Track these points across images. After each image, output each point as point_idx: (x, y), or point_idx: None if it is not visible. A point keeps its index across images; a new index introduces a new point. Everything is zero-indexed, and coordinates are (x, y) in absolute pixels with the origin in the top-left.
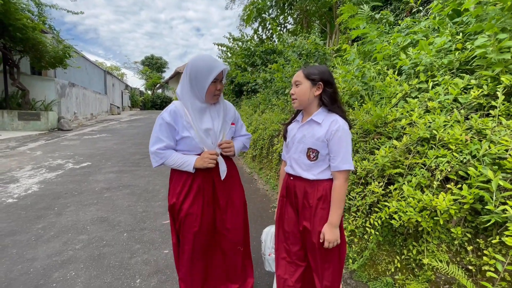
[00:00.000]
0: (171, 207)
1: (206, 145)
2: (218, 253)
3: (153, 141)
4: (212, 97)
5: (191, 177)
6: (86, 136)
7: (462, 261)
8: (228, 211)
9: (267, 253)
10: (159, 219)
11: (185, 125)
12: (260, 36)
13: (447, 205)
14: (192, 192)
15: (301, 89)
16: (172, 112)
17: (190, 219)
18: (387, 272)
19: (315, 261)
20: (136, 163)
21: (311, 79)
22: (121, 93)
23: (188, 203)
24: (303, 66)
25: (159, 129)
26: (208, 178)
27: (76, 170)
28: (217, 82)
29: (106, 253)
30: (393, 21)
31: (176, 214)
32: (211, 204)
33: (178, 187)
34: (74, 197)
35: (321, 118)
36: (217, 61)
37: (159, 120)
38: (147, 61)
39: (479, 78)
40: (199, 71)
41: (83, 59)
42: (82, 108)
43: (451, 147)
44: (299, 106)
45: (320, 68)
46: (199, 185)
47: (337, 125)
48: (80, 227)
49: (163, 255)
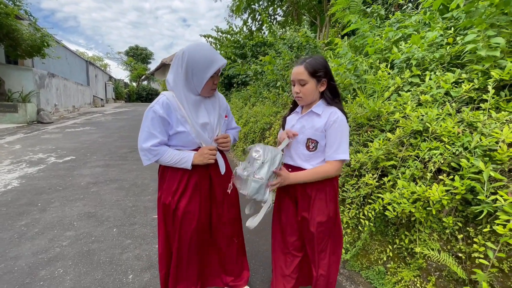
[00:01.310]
0: (164, 206)
1: (203, 140)
2: (213, 247)
3: (145, 136)
4: (208, 91)
5: (188, 174)
6: (69, 129)
7: (453, 249)
8: (224, 205)
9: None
10: (150, 213)
11: (180, 119)
12: (249, 27)
13: (440, 196)
14: (189, 189)
15: (307, 88)
16: (165, 105)
17: (188, 217)
18: (379, 261)
19: (312, 250)
20: (123, 157)
21: (316, 77)
22: (105, 85)
23: (185, 201)
24: (301, 60)
25: (151, 123)
26: (205, 174)
27: (59, 164)
28: (214, 76)
29: (96, 249)
30: (384, 15)
31: (172, 213)
32: (208, 199)
33: (173, 185)
34: (59, 192)
35: (320, 109)
36: (216, 53)
37: (150, 114)
38: (132, 52)
39: (470, 72)
40: (198, 64)
41: (63, 48)
42: (63, 100)
43: (443, 139)
44: (305, 103)
45: (322, 62)
46: (196, 181)
47: (336, 116)
48: (67, 223)
49: (155, 250)
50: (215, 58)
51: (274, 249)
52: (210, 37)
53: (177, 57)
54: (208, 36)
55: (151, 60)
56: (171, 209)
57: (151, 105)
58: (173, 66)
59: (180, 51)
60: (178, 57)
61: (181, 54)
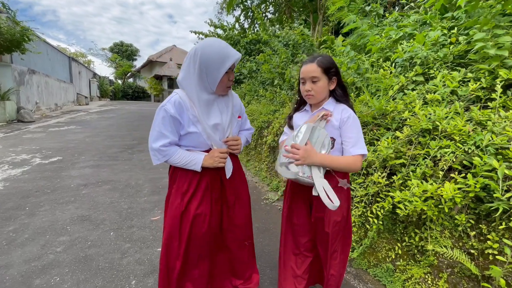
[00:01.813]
0: (172, 207)
1: (214, 142)
2: (223, 250)
3: (155, 136)
4: (224, 88)
5: (198, 175)
6: (52, 128)
7: (464, 245)
8: (236, 207)
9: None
10: (147, 215)
11: (191, 119)
12: (242, 24)
13: (453, 194)
14: (199, 191)
15: (319, 86)
16: (177, 104)
17: (199, 220)
18: (387, 259)
19: (325, 251)
20: (113, 157)
21: (328, 74)
22: (89, 82)
23: (196, 203)
24: (311, 58)
25: (161, 122)
26: (216, 176)
27: (45, 165)
28: (229, 72)
29: (93, 255)
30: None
31: (180, 216)
32: (219, 201)
33: (183, 186)
34: (47, 195)
35: (331, 107)
36: (230, 48)
37: (162, 113)
38: (116, 48)
39: (476, 72)
40: (211, 60)
41: (44, 43)
42: (45, 98)
43: (455, 138)
44: (315, 101)
45: (332, 60)
46: (207, 183)
47: (349, 112)
48: (59, 227)
49: (157, 253)
50: (229, 52)
51: (285, 250)
52: (201, 33)
53: (188, 56)
54: (199, 33)
55: (137, 57)
56: (179, 211)
57: (163, 103)
58: (185, 64)
59: (192, 49)
60: (190, 55)
61: (193, 52)
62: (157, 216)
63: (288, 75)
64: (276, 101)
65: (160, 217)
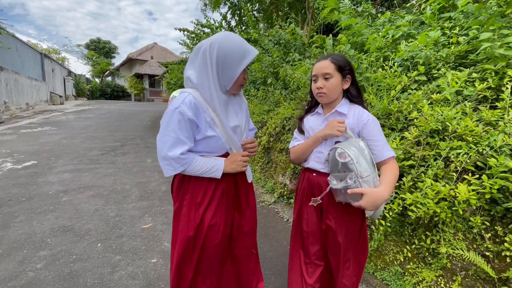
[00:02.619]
0: (187, 221)
1: (234, 146)
2: (230, 259)
3: (172, 143)
4: (237, 87)
5: (215, 183)
6: (24, 129)
7: (479, 248)
8: (246, 214)
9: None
10: (137, 223)
11: (209, 122)
12: (229, 22)
13: (467, 195)
14: (215, 199)
15: (332, 83)
16: (193, 105)
17: (213, 230)
18: (395, 262)
19: (337, 260)
20: (95, 160)
21: (342, 71)
22: (64, 80)
23: (211, 213)
24: (325, 56)
25: (178, 127)
26: (231, 181)
27: (18, 171)
28: (245, 70)
29: (79, 270)
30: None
31: (195, 228)
32: (231, 208)
33: (198, 196)
34: (22, 204)
35: (346, 109)
36: (247, 43)
37: (177, 116)
38: (93, 45)
39: (481, 72)
40: (230, 56)
41: (13, 38)
42: (15, 97)
43: (467, 139)
44: (327, 101)
45: (346, 59)
46: (222, 190)
47: (366, 115)
48: (38, 240)
49: (151, 265)
50: (248, 48)
51: (294, 258)
52: (186, 30)
53: (202, 49)
54: (184, 30)
55: (115, 55)
56: (195, 224)
57: (174, 104)
58: (196, 60)
59: (206, 42)
60: (204, 49)
61: (208, 45)
62: (148, 224)
63: (283, 73)
64: (269, 101)
65: (151, 224)
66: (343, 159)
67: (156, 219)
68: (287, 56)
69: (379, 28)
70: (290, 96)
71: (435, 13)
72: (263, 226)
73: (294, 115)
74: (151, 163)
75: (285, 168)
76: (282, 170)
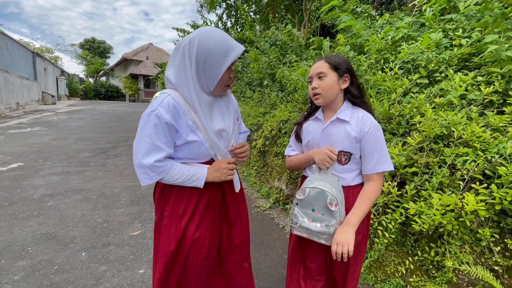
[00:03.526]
0: (167, 235)
1: (219, 151)
2: (219, 275)
3: (146, 149)
4: (223, 88)
5: (198, 193)
6: (13, 130)
7: (487, 261)
8: (237, 225)
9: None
10: (126, 230)
11: (190, 125)
12: (224, 23)
13: (476, 206)
14: (198, 211)
15: (326, 82)
16: (172, 107)
17: (197, 244)
18: (396, 274)
19: (343, 273)
20: (84, 162)
21: (338, 70)
22: (56, 80)
23: (194, 227)
24: (321, 57)
25: (154, 131)
26: (217, 191)
27: (3, 173)
28: (230, 68)
29: (60, 282)
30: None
31: (177, 242)
32: (218, 220)
33: (179, 207)
34: (4, 208)
35: (348, 115)
36: (232, 39)
37: (153, 120)
38: (88, 45)
39: (486, 75)
40: (212, 53)
41: (3, 36)
42: (4, 96)
43: (474, 145)
44: (324, 102)
45: (344, 58)
46: (207, 200)
47: (369, 122)
48: (18, 249)
49: (139, 276)
50: (232, 44)
51: (292, 274)
52: (183, 31)
53: (181, 47)
54: (181, 30)
55: (110, 55)
56: (176, 238)
57: (151, 107)
58: (176, 58)
59: (185, 39)
60: (183, 46)
61: (187, 42)
62: (138, 231)
63: (280, 75)
64: (265, 103)
65: (141, 231)
66: (333, 208)
67: (146, 226)
68: (283, 58)
69: (378, 30)
70: (287, 99)
71: (436, 15)
72: (257, 234)
73: (291, 118)
74: None
75: (281, 172)
76: (278, 175)
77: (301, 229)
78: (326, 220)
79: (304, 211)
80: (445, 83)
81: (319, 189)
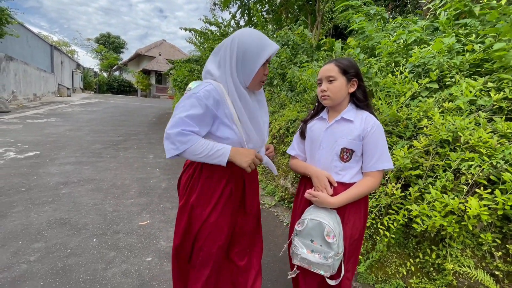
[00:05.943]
0: (190, 216)
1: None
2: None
3: (176, 122)
4: (257, 83)
5: (224, 182)
6: (30, 119)
7: (488, 266)
8: (250, 215)
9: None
10: (135, 219)
11: (227, 114)
12: (237, 21)
13: (479, 210)
14: (222, 199)
15: (335, 86)
16: (214, 94)
17: (216, 232)
18: (397, 275)
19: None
20: (97, 154)
21: (347, 74)
22: (72, 73)
23: (217, 214)
24: (331, 59)
25: (189, 110)
26: (239, 183)
27: (21, 160)
28: (265, 65)
29: (73, 265)
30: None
31: (198, 227)
32: (236, 210)
33: (206, 194)
34: (22, 194)
35: (352, 115)
36: (267, 38)
37: (192, 101)
38: (103, 39)
39: (497, 81)
40: (249, 49)
41: (24, 28)
42: (23, 87)
43: (480, 151)
44: (331, 103)
45: (353, 62)
46: (230, 190)
47: (372, 122)
48: (34, 232)
49: (146, 263)
50: (267, 42)
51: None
52: (193, 30)
53: (224, 45)
54: (190, 30)
55: (124, 50)
56: (199, 221)
57: (193, 90)
58: (219, 54)
59: (229, 38)
60: (225, 44)
61: (229, 40)
62: (146, 221)
63: (291, 75)
64: (274, 102)
65: (149, 221)
66: (330, 240)
67: (154, 217)
68: (294, 58)
69: (391, 33)
70: (296, 98)
71: (450, 19)
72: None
73: (299, 117)
74: (152, 160)
75: (287, 171)
76: (284, 173)
77: (302, 260)
78: (324, 251)
79: (303, 241)
80: (455, 88)
81: (316, 221)
